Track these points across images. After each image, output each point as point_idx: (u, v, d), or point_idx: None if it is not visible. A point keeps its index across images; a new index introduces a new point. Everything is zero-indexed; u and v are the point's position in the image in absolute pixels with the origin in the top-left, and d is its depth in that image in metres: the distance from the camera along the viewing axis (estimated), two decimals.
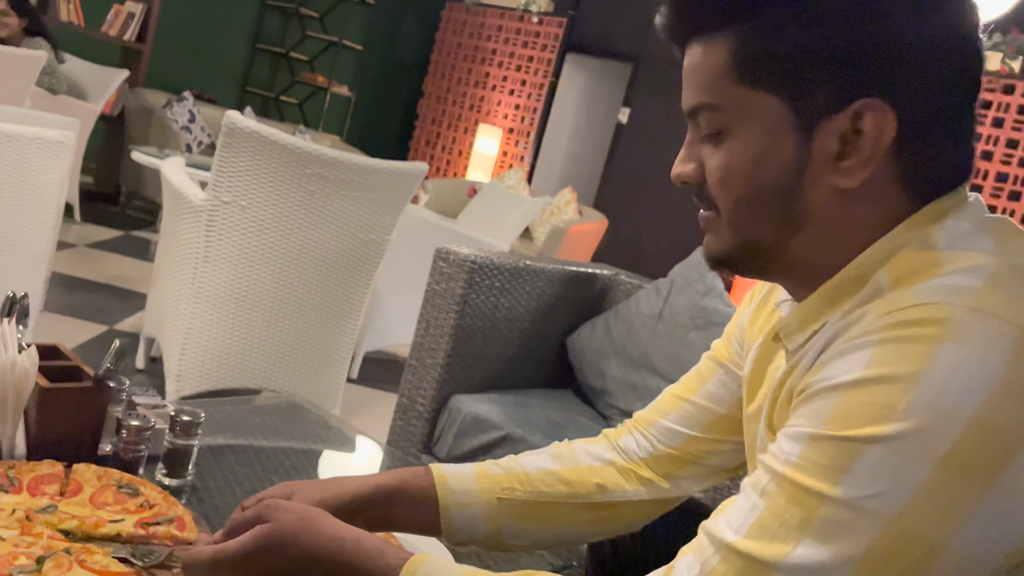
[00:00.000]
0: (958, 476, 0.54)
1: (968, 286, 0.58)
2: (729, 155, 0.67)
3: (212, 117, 5.26)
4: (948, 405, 0.54)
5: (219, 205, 2.16)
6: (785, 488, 0.58)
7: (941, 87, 0.64)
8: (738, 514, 0.60)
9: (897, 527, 0.54)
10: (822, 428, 0.57)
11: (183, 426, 1.06)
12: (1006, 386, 0.54)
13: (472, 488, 0.89)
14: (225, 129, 2.09)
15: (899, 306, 0.58)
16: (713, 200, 0.69)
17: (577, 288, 2.16)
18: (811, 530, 0.56)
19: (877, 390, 0.56)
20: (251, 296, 2.26)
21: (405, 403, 1.96)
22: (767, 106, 0.64)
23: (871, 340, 0.57)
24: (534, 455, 0.95)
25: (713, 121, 0.67)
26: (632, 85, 6.61)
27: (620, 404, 1.97)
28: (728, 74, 0.65)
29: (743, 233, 0.69)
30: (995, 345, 0.54)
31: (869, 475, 0.55)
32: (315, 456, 1.38)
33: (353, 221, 2.31)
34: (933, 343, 0.55)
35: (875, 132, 0.62)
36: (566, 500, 0.91)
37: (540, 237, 5.41)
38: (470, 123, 7.32)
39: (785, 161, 0.65)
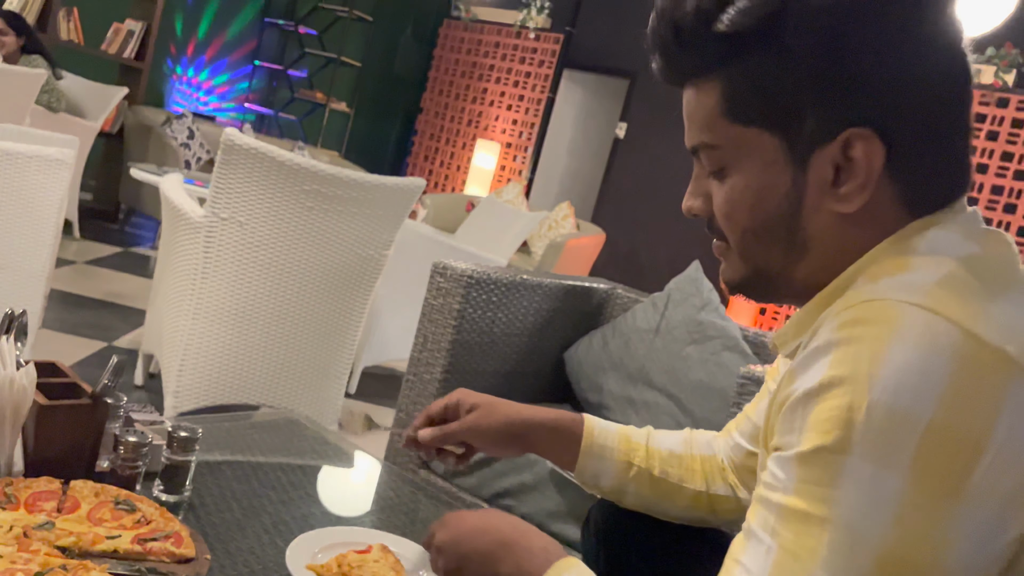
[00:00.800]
0: (930, 488, 0.55)
1: (919, 283, 0.59)
2: (731, 190, 0.70)
3: (210, 133, 5.29)
4: (904, 408, 0.55)
5: (217, 221, 2.17)
6: (789, 522, 0.59)
7: (927, 109, 0.65)
8: (755, 560, 0.61)
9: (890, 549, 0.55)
10: (802, 445, 0.59)
11: (180, 442, 1.06)
12: (953, 389, 0.55)
13: (612, 446, 1.03)
14: (223, 146, 2.11)
15: (851, 303, 0.60)
16: (722, 232, 0.73)
17: (574, 302, 2.17)
18: (821, 562, 0.57)
19: (839, 393, 0.57)
20: (249, 312, 2.27)
21: (403, 418, 1.96)
22: (761, 141, 0.68)
23: (829, 342, 0.59)
24: (670, 436, 1.05)
25: (713, 159, 0.71)
26: (629, 100, 6.64)
27: (618, 419, 1.97)
28: (721, 114, 0.69)
29: (752, 262, 0.72)
30: (939, 346, 0.55)
31: (854, 488, 0.56)
32: (312, 472, 1.38)
33: (351, 237, 2.32)
34: (880, 342, 0.56)
35: (865, 160, 0.65)
36: (678, 483, 1.01)
37: (538, 251, 5.42)
38: (468, 138, 7.35)
39: (784, 192, 0.68)
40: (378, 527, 1.15)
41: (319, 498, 1.27)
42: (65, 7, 4.89)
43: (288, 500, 1.19)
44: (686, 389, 1.90)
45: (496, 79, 7.22)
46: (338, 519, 1.19)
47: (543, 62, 6.96)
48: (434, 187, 7.50)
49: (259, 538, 1.05)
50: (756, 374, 1.45)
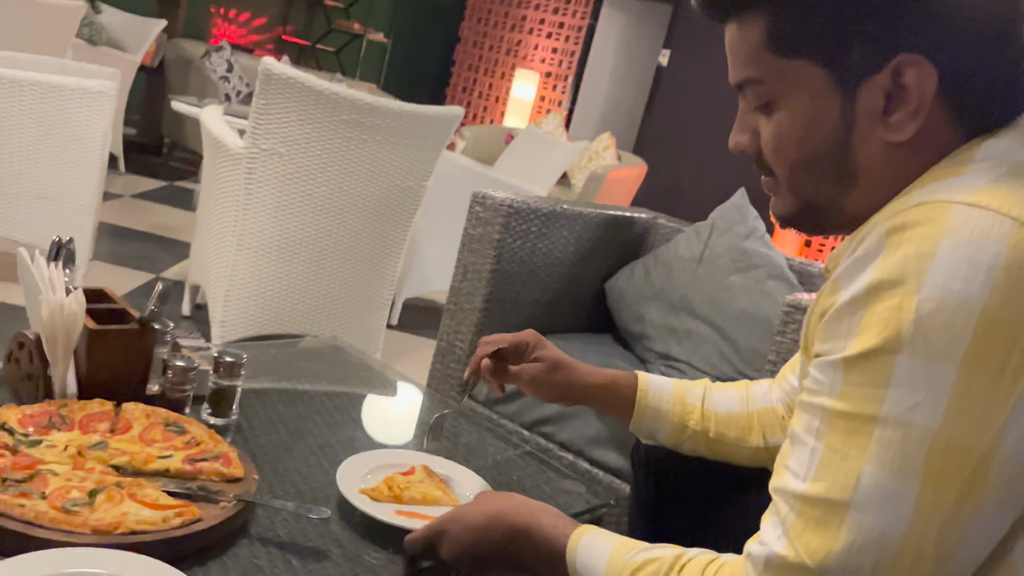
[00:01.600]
0: (984, 376, 0.55)
1: (970, 184, 0.59)
2: (779, 125, 0.70)
3: (250, 66, 5.27)
4: (955, 301, 0.54)
5: (258, 153, 2.17)
6: (836, 423, 0.59)
7: (976, 27, 0.64)
8: (800, 461, 0.61)
9: (944, 438, 0.55)
10: (851, 349, 0.59)
11: (226, 367, 1.08)
12: (1006, 277, 0.54)
13: (666, 408, 1.04)
14: (262, 75, 2.09)
15: (899, 209, 0.60)
16: (770, 167, 0.73)
17: (615, 232, 2.14)
18: (871, 457, 0.57)
19: (888, 295, 0.57)
20: (291, 243, 2.29)
21: (444, 347, 1.97)
22: (807, 74, 0.67)
23: (875, 247, 0.59)
24: (725, 392, 1.05)
25: (759, 94, 0.71)
26: (673, 27, 6.43)
27: (658, 348, 1.96)
28: (766, 48, 0.68)
29: (802, 195, 0.72)
30: (988, 237, 0.55)
31: (905, 387, 0.56)
32: (356, 398, 1.41)
33: (390, 167, 2.30)
34: (930, 240, 0.56)
35: (917, 85, 0.64)
36: (736, 443, 1.02)
37: (578, 183, 5.36)
38: (507, 68, 7.22)
39: (833, 123, 0.67)
40: (421, 451, 1.17)
41: (363, 423, 1.30)
42: None
43: (333, 424, 1.21)
44: (729, 318, 1.87)
45: (535, 5, 7.03)
46: (382, 443, 1.21)
47: None
48: (473, 119, 7.41)
49: (305, 459, 1.07)
50: (802, 303, 1.42)
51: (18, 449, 0.88)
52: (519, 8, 7.14)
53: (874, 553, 0.57)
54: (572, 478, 1.25)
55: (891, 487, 0.56)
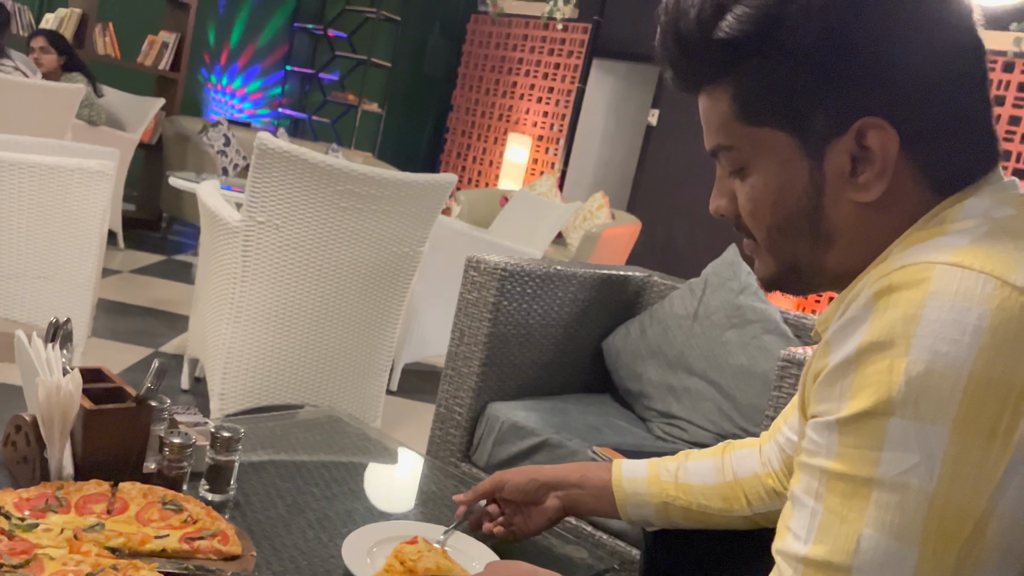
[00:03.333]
0: (976, 438, 0.54)
1: (952, 244, 0.59)
2: (752, 189, 0.72)
3: (246, 140, 5.37)
4: (943, 363, 0.55)
5: (254, 225, 2.20)
6: (834, 485, 0.59)
7: (938, 89, 0.65)
8: (801, 524, 0.61)
9: (941, 500, 0.55)
10: (845, 411, 0.59)
11: (223, 442, 1.08)
12: (992, 338, 0.54)
13: (643, 492, 1.04)
14: (257, 150, 2.14)
15: (885, 272, 0.60)
16: (749, 231, 0.75)
17: (610, 291, 2.16)
18: (870, 520, 0.57)
19: (878, 358, 0.57)
20: (289, 313, 2.30)
21: (443, 413, 1.97)
22: (775, 140, 0.69)
23: (865, 310, 0.59)
24: (701, 463, 1.05)
25: (732, 160, 0.72)
26: (660, 87, 6.58)
27: (658, 406, 1.96)
28: (734, 118, 0.70)
29: (781, 257, 0.73)
30: (974, 297, 0.55)
31: (899, 449, 0.56)
32: (355, 468, 1.40)
33: (386, 235, 2.33)
34: (916, 302, 0.56)
35: (880, 146, 0.65)
36: (721, 513, 1.01)
37: (574, 243, 5.41)
38: (500, 133, 7.35)
39: (803, 186, 0.69)
40: (422, 520, 1.16)
41: (363, 494, 1.29)
42: (101, 23, 4.99)
43: (332, 496, 1.20)
44: (727, 374, 1.87)
45: (525, 72, 7.20)
46: (382, 514, 1.20)
47: (572, 52, 6.92)
48: (468, 183, 7.51)
49: (304, 534, 1.06)
50: (798, 356, 1.43)
51: (14, 534, 0.88)
52: (510, 75, 7.31)
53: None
54: (575, 543, 1.23)
55: (891, 551, 0.56)
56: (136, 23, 5.50)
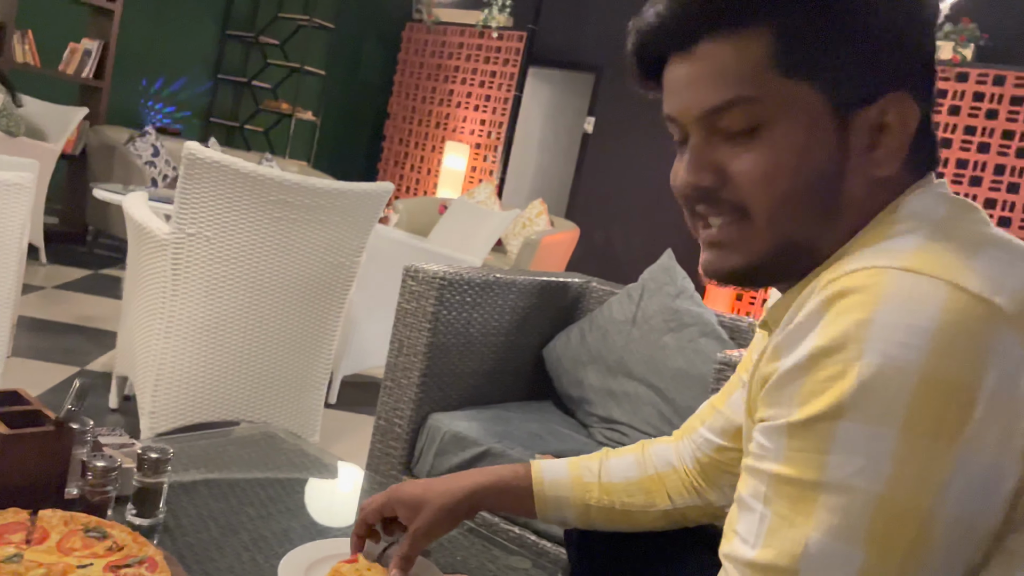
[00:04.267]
0: (924, 438, 0.54)
1: (902, 248, 0.59)
2: (772, 148, 0.64)
3: (176, 150, 5.23)
4: (894, 367, 0.55)
5: (184, 237, 2.14)
6: (782, 489, 0.59)
7: (931, 74, 0.67)
8: (749, 528, 0.61)
9: (888, 502, 0.55)
10: (795, 415, 0.58)
11: (151, 464, 1.04)
12: (942, 340, 0.54)
13: (566, 495, 1.01)
14: (186, 160, 2.08)
15: (836, 275, 0.59)
16: (742, 203, 0.66)
17: (550, 298, 2.16)
18: (816, 524, 0.57)
19: (830, 362, 0.57)
20: (223, 327, 2.24)
21: (383, 425, 1.94)
22: (808, 97, 0.64)
23: (815, 314, 0.59)
24: (622, 459, 1.03)
25: (750, 115, 0.65)
26: (596, 95, 6.65)
27: (600, 412, 1.96)
28: (770, 64, 0.63)
29: (783, 234, 0.66)
30: (925, 301, 0.55)
31: (847, 451, 0.56)
32: (291, 485, 1.36)
33: (321, 245, 2.29)
34: (868, 307, 0.56)
35: (900, 123, 0.64)
36: (643, 508, 1.00)
37: (513, 250, 5.41)
38: (437, 141, 7.33)
39: (829, 152, 0.64)
40: None
41: (300, 511, 1.25)
42: (20, 30, 4.80)
43: (267, 515, 1.17)
44: (665, 378, 1.89)
45: (462, 80, 7.20)
46: (320, 532, 1.17)
47: (508, 60, 6.95)
48: (405, 192, 7.46)
49: (238, 556, 1.03)
50: (733, 359, 1.45)
51: None
52: (446, 83, 7.29)
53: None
54: (518, 553, 1.22)
55: (836, 553, 0.56)
56: (57, 30, 5.31)
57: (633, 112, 6.22)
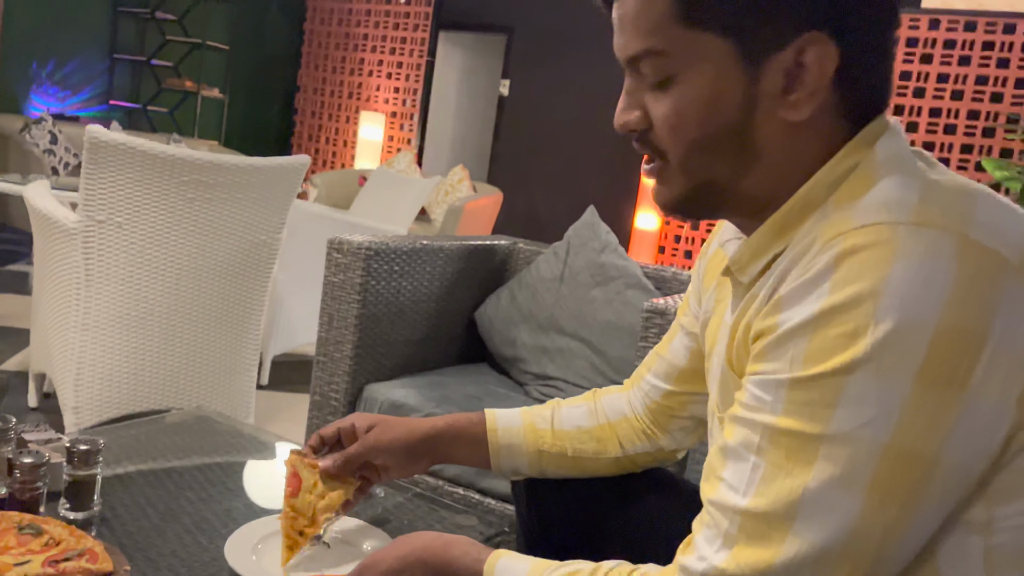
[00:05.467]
0: (936, 386, 0.55)
1: (904, 202, 0.59)
2: (680, 99, 0.66)
3: (76, 136, 4.99)
4: (910, 320, 0.55)
5: (94, 225, 2.06)
6: (779, 439, 0.59)
7: (874, 14, 0.65)
8: (739, 476, 0.61)
9: (894, 450, 0.56)
10: (800, 370, 0.58)
11: (81, 456, 1.01)
12: (958, 290, 0.55)
13: (519, 442, 1.02)
14: (88, 144, 1.99)
15: (842, 230, 0.59)
16: (661, 147, 0.69)
17: (478, 262, 2.17)
18: (816, 473, 0.57)
19: (842, 320, 0.57)
20: (143, 315, 2.17)
21: (318, 400, 1.92)
22: (714, 47, 0.65)
23: (824, 270, 0.58)
24: (573, 409, 1.05)
25: (660, 67, 0.66)
26: (509, 56, 6.62)
27: (534, 369, 1.99)
28: (674, 17, 0.65)
29: (697, 176, 0.69)
30: (940, 254, 0.56)
31: (856, 405, 0.56)
32: (230, 467, 1.34)
33: (240, 224, 2.24)
34: (883, 264, 0.56)
35: (818, 66, 0.64)
36: (595, 456, 1.02)
37: (438, 218, 5.39)
38: (351, 112, 7.19)
39: (737, 100, 0.65)
40: None
41: (241, 492, 1.24)
42: None
43: (208, 498, 1.15)
44: (596, 331, 1.93)
45: (372, 48, 7.05)
46: (264, 510, 1.16)
47: (417, 26, 6.84)
48: (323, 165, 7.32)
49: (181, 539, 1.02)
50: (659, 307, 1.48)
51: None
52: (356, 52, 7.14)
53: (815, 563, 0.58)
54: (465, 512, 1.24)
55: (835, 500, 0.57)
56: None
57: (548, 73, 6.22)
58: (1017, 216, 0.61)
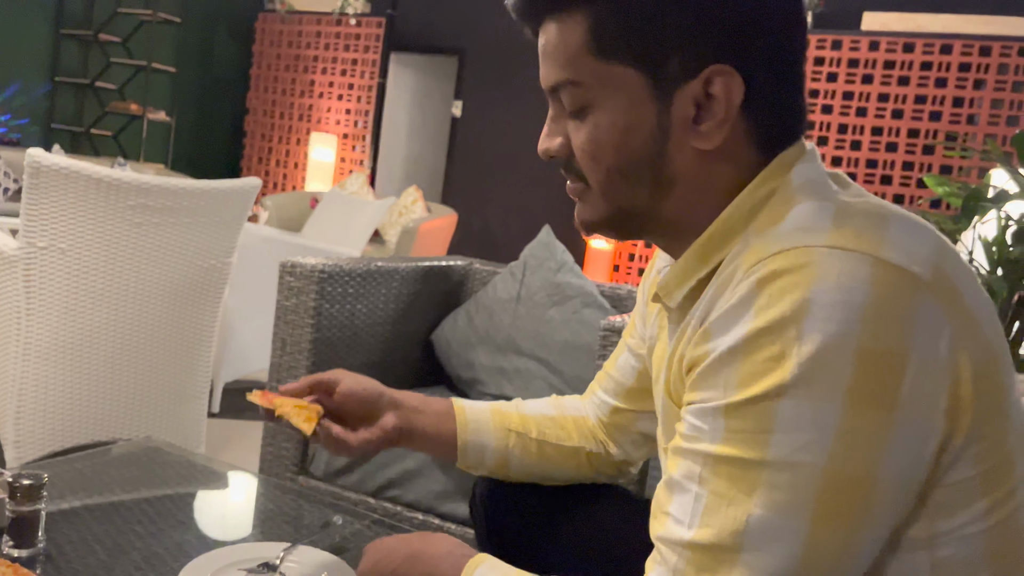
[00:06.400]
0: (866, 406, 0.57)
1: (819, 226, 0.61)
2: (595, 129, 0.69)
3: (15, 160, 4.86)
4: (832, 341, 0.57)
5: (35, 252, 1.99)
6: (720, 468, 0.59)
7: (778, 48, 0.68)
8: (684, 509, 0.61)
9: (832, 473, 0.57)
10: (733, 396, 0.59)
11: (24, 491, 0.97)
12: (875, 310, 0.57)
13: (485, 419, 1.02)
14: (29, 169, 1.93)
15: (762, 256, 0.61)
16: (582, 172, 0.72)
17: (434, 283, 2.15)
18: (758, 500, 0.58)
19: (767, 343, 0.58)
20: (87, 344, 2.11)
21: (272, 427, 1.88)
22: (626, 78, 0.68)
23: (748, 296, 0.60)
24: (536, 403, 1.06)
25: (576, 97, 0.70)
26: (461, 78, 6.64)
27: (492, 391, 1.98)
28: (587, 50, 0.68)
29: (616, 201, 0.72)
30: (856, 276, 0.57)
31: (792, 428, 0.57)
32: (180, 499, 1.30)
33: (189, 249, 2.19)
34: (802, 287, 0.58)
35: (725, 95, 0.66)
36: (558, 442, 1.02)
37: (392, 239, 5.36)
38: (302, 133, 7.13)
39: (650, 129, 0.68)
40: (262, 540, 1.10)
41: (193, 524, 1.20)
42: None
43: (158, 532, 1.12)
44: (553, 351, 1.93)
45: (322, 70, 7.02)
46: (217, 542, 1.13)
47: (368, 47, 6.82)
48: (273, 188, 7.23)
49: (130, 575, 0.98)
50: (616, 325, 1.49)
51: None
52: (306, 74, 7.09)
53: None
54: None
55: (781, 527, 0.57)
56: None
57: (500, 94, 6.26)
58: (928, 234, 0.63)
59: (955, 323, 0.59)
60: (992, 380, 0.60)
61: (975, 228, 2.32)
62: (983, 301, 0.62)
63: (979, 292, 0.63)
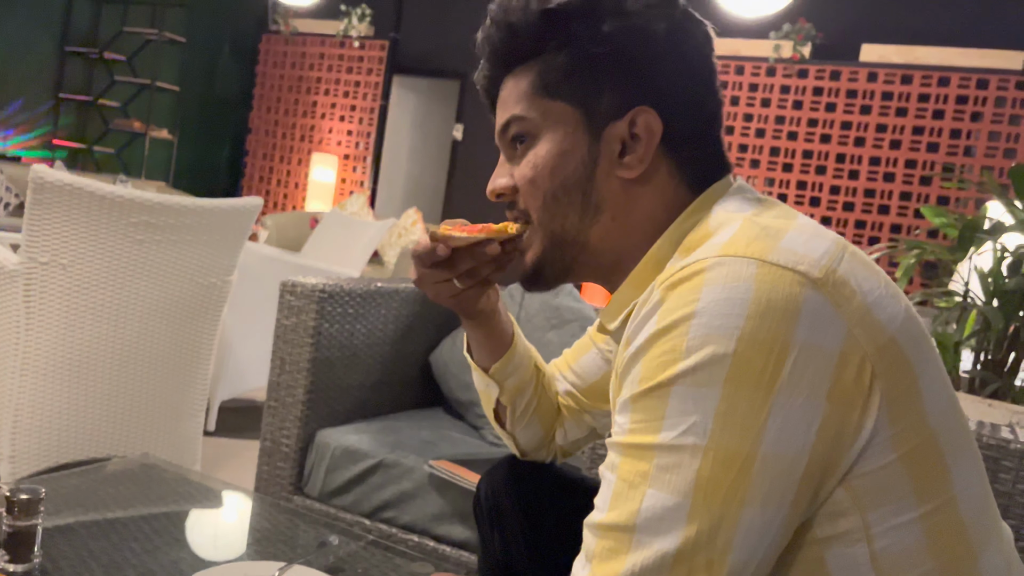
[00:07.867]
0: (744, 389, 0.62)
1: (720, 241, 0.69)
2: (535, 156, 0.80)
3: (17, 176, 4.88)
4: (717, 334, 0.63)
5: (36, 267, 2.00)
6: (626, 455, 0.65)
7: (697, 95, 0.80)
8: (603, 496, 0.67)
9: (712, 451, 0.62)
10: (637, 388, 0.66)
11: (22, 506, 0.97)
12: (757, 305, 0.63)
13: (528, 355, 1.08)
14: (32, 185, 1.94)
15: (670, 273, 0.68)
16: (525, 207, 0.82)
17: (433, 305, 2.16)
18: (651, 481, 0.63)
19: (666, 339, 0.65)
20: (86, 360, 2.11)
21: (269, 446, 1.88)
22: (564, 113, 0.80)
23: (655, 304, 0.67)
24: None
25: (522, 128, 0.81)
26: (462, 101, 6.69)
27: None
28: (534, 90, 0.81)
29: (550, 227, 0.81)
30: (740, 277, 0.64)
31: (679, 413, 0.63)
32: (176, 517, 1.30)
33: (189, 267, 2.20)
34: (695, 292, 0.65)
35: (646, 133, 0.77)
36: (549, 377, 1.11)
37: (391, 260, 5.37)
38: (303, 154, 7.17)
39: (581, 157, 0.79)
40: (257, 559, 1.10)
41: (188, 542, 1.20)
42: None
43: (154, 549, 1.12)
44: None
45: (325, 91, 7.07)
46: (212, 561, 1.13)
47: (371, 70, 6.88)
48: (274, 207, 7.25)
49: None
50: None
51: None
52: (309, 95, 7.15)
53: (657, 571, 0.62)
54: (420, 559, 1.22)
55: (667, 505, 0.62)
56: None
57: None
58: (824, 242, 0.68)
59: (848, 317, 0.64)
60: (897, 368, 0.65)
61: (971, 259, 2.33)
62: (887, 298, 0.68)
63: (882, 291, 0.68)
